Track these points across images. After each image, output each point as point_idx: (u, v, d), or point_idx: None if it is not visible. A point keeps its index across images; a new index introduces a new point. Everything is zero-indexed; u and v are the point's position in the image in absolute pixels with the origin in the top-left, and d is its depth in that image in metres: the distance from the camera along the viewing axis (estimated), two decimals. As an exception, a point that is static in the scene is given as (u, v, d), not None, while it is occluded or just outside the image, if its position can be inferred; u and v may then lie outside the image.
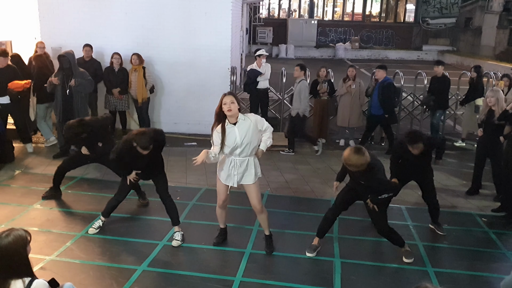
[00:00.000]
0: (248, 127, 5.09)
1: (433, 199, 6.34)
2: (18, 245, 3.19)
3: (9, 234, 3.20)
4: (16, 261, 3.17)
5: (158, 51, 10.34)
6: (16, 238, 3.19)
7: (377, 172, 5.15)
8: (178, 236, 5.85)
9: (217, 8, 10.29)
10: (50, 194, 6.97)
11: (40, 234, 5.80)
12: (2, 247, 3.14)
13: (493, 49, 25.19)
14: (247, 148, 5.14)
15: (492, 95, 7.26)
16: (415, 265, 5.53)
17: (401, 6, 32.38)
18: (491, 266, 5.61)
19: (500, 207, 7.08)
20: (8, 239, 3.17)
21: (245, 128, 5.08)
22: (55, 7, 10.23)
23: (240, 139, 5.07)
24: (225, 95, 5.05)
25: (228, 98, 4.99)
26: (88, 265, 5.25)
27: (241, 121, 5.08)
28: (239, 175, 5.27)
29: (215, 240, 5.79)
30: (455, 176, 8.61)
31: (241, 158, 5.20)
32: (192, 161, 5.03)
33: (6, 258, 3.14)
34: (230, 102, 4.97)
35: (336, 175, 5.93)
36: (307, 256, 5.62)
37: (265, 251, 5.65)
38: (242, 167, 5.24)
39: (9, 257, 3.14)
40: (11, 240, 3.17)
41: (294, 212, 6.92)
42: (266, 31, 29.20)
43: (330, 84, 10.23)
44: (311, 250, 5.68)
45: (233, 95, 5.05)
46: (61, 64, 8.26)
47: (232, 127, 5.07)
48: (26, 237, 3.25)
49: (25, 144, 8.96)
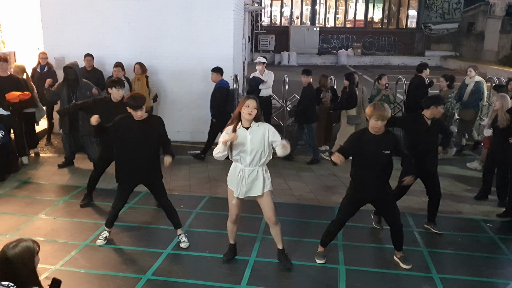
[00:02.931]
0: (261, 134, 4.99)
1: (437, 190, 6.37)
2: (25, 256, 3.18)
3: (17, 245, 3.18)
4: (23, 272, 3.16)
5: (161, 60, 10.39)
6: (23, 249, 3.18)
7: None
8: (183, 238, 5.94)
9: (219, 17, 10.34)
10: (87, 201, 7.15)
11: (45, 244, 5.79)
12: (9, 258, 3.13)
13: (496, 53, 25.16)
14: (257, 156, 5.02)
15: (497, 99, 7.27)
16: (420, 271, 5.51)
17: (403, 12, 32.41)
18: (497, 272, 5.57)
19: (505, 212, 7.05)
20: (15, 250, 3.15)
21: (257, 134, 4.98)
22: (58, 18, 10.32)
23: (250, 145, 4.97)
24: (249, 98, 4.99)
25: (252, 102, 4.94)
26: (93, 275, 5.25)
27: (255, 127, 4.99)
28: (247, 185, 5.12)
29: (224, 258, 5.64)
30: (459, 181, 8.59)
31: (250, 168, 5.06)
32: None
33: (13, 269, 3.13)
34: (253, 106, 4.93)
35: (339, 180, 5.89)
36: (311, 264, 5.61)
37: (285, 266, 5.48)
38: (250, 177, 5.09)
39: (16, 268, 3.13)
40: (18, 252, 3.16)
41: (298, 220, 6.91)
42: (268, 38, 29.30)
43: (333, 91, 10.24)
44: (320, 257, 5.66)
45: (256, 100, 4.98)
46: (66, 75, 8.18)
47: (244, 131, 4.99)
48: (34, 248, 3.24)
49: (21, 157, 8.84)
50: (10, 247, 3.17)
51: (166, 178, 8.15)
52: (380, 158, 5.18)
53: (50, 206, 7.08)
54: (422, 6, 31.40)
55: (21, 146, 8.81)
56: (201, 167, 9.04)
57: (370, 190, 5.34)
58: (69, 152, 8.77)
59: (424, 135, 6.11)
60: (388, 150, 5.17)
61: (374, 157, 5.19)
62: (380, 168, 5.24)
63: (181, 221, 6.53)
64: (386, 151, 5.16)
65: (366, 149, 5.21)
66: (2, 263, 3.14)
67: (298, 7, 32.29)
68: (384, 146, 5.16)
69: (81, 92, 8.22)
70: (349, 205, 5.50)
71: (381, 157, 5.18)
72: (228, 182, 5.30)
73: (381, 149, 5.15)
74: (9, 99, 8.22)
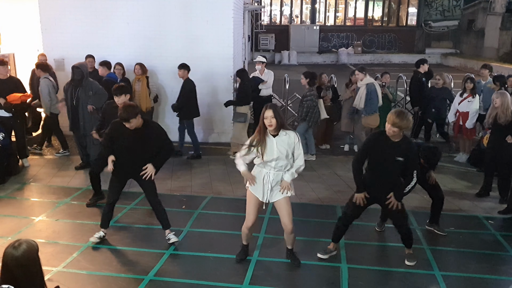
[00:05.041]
0: (287, 144, 5.06)
1: (439, 192, 6.35)
2: (33, 252, 3.13)
3: (20, 244, 3.13)
4: (33, 270, 3.11)
5: (161, 60, 10.38)
6: (29, 246, 3.12)
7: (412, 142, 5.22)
8: (171, 235, 5.96)
9: (219, 16, 10.33)
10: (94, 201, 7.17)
11: (46, 246, 5.80)
12: (19, 257, 3.07)
13: (496, 50, 25.14)
14: (282, 162, 5.09)
15: (497, 97, 7.25)
16: (423, 269, 5.50)
17: (403, 10, 32.37)
18: (499, 269, 5.57)
19: (507, 209, 7.04)
20: (22, 248, 3.10)
21: (284, 142, 5.05)
22: (57, 19, 10.32)
23: (277, 153, 5.03)
24: (266, 109, 4.99)
25: (269, 113, 4.94)
26: (95, 276, 5.25)
27: (282, 135, 5.06)
28: (271, 190, 5.19)
29: (237, 258, 5.66)
30: (461, 179, 8.58)
31: (275, 172, 5.14)
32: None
33: (24, 267, 3.07)
34: (271, 117, 4.93)
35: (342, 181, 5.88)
36: (314, 263, 5.60)
37: (294, 264, 5.56)
38: (275, 181, 5.16)
39: (27, 266, 3.07)
40: (26, 248, 3.10)
41: (300, 219, 6.89)
42: (268, 37, 29.28)
43: (334, 90, 10.23)
44: (324, 253, 5.68)
45: (273, 109, 4.97)
46: (73, 74, 8.22)
47: (271, 139, 5.06)
48: (36, 244, 3.22)
49: (22, 159, 8.85)
50: (15, 247, 3.08)
51: (167, 179, 8.20)
52: (392, 163, 5.21)
53: (51, 208, 7.08)
54: (422, 3, 31.36)
55: (22, 148, 8.80)
56: (203, 168, 9.04)
57: (374, 189, 5.38)
58: (82, 154, 8.79)
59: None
60: (401, 157, 5.18)
61: (385, 160, 5.24)
62: (390, 172, 5.29)
63: (183, 221, 6.57)
64: (399, 157, 5.17)
65: (377, 151, 5.27)
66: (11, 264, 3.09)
67: (298, 6, 32.26)
68: (398, 152, 5.18)
69: (83, 91, 8.24)
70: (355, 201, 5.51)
71: (393, 162, 5.21)
72: (250, 186, 5.29)
73: (395, 154, 5.18)
74: (11, 101, 8.24)
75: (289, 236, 5.45)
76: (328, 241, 5.81)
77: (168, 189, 7.76)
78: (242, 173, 5.23)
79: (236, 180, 8.25)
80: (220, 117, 10.66)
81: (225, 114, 10.46)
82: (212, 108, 10.46)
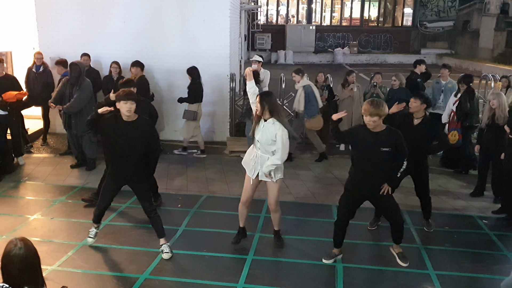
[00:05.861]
0: (271, 133, 5.36)
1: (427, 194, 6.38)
2: (33, 249, 3.10)
3: (17, 242, 3.05)
4: (35, 267, 3.09)
5: (157, 59, 10.37)
6: (26, 243, 3.06)
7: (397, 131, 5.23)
8: (166, 248, 5.68)
9: (215, 16, 10.33)
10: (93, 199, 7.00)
11: (41, 244, 5.79)
12: (22, 256, 3.01)
13: (491, 51, 25.23)
14: (263, 147, 5.46)
15: (493, 98, 7.28)
16: (417, 268, 5.53)
17: (398, 10, 32.44)
18: (493, 268, 5.61)
19: (501, 208, 7.09)
20: (21, 245, 3.03)
21: (268, 130, 5.37)
22: (53, 18, 10.30)
23: (261, 137, 5.41)
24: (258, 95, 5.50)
25: (258, 98, 5.45)
26: (90, 275, 5.25)
27: (270, 123, 5.40)
28: (258, 168, 5.55)
29: (233, 240, 5.90)
30: (455, 178, 8.62)
31: (261, 154, 5.51)
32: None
33: (30, 265, 3.03)
34: (257, 101, 5.41)
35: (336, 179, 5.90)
36: (309, 262, 5.62)
37: (278, 244, 5.89)
38: (261, 161, 5.50)
39: (31, 263, 3.03)
40: (26, 245, 3.05)
41: (295, 218, 6.92)
42: (264, 37, 29.26)
43: (330, 90, 10.24)
44: (328, 257, 5.64)
45: (260, 96, 5.43)
46: (71, 71, 8.23)
47: (262, 122, 5.45)
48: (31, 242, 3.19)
49: (17, 157, 8.80)
50: (14, 245, 3.01)
51: (163, 177, 8.19)
52: (377, 155, 5.12)
53: (46, 206, 7.07)
54: (417, 4, 31.42)
55: (17, 147, 8.78)
56: (198, 166, 9.05)
57: (364, 186, 5.30)
58: (77, 152, 8.77)
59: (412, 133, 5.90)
60: (387, 147, 5.09)
61: (371, 153, 5.14)
62: (377, 165, 5.17)
63: (179, 220, 6.56)
64: (385, 148, 5.09)
65: (361, 144, 5.19)
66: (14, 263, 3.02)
67: (294, 5, 32.27)
68: (382, 143, 5.09)
69: (77, 90, 8.21)
70: (346, 202, 5.46)
71: (379, 154, 5.11)
72: (243, 163, 5.78)
73: (379, 145, 5.09)
74: (6, 99, 8.21)
75: (274, 215, 5.84)
76: (323, 240, 5.83)
77: (164, 188, 7.75)
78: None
79: (232, 179, 8.28)
80: (216, 116, 10.66)
81: (221, 113, 10.45)
82: (206, 106, 10.41)
